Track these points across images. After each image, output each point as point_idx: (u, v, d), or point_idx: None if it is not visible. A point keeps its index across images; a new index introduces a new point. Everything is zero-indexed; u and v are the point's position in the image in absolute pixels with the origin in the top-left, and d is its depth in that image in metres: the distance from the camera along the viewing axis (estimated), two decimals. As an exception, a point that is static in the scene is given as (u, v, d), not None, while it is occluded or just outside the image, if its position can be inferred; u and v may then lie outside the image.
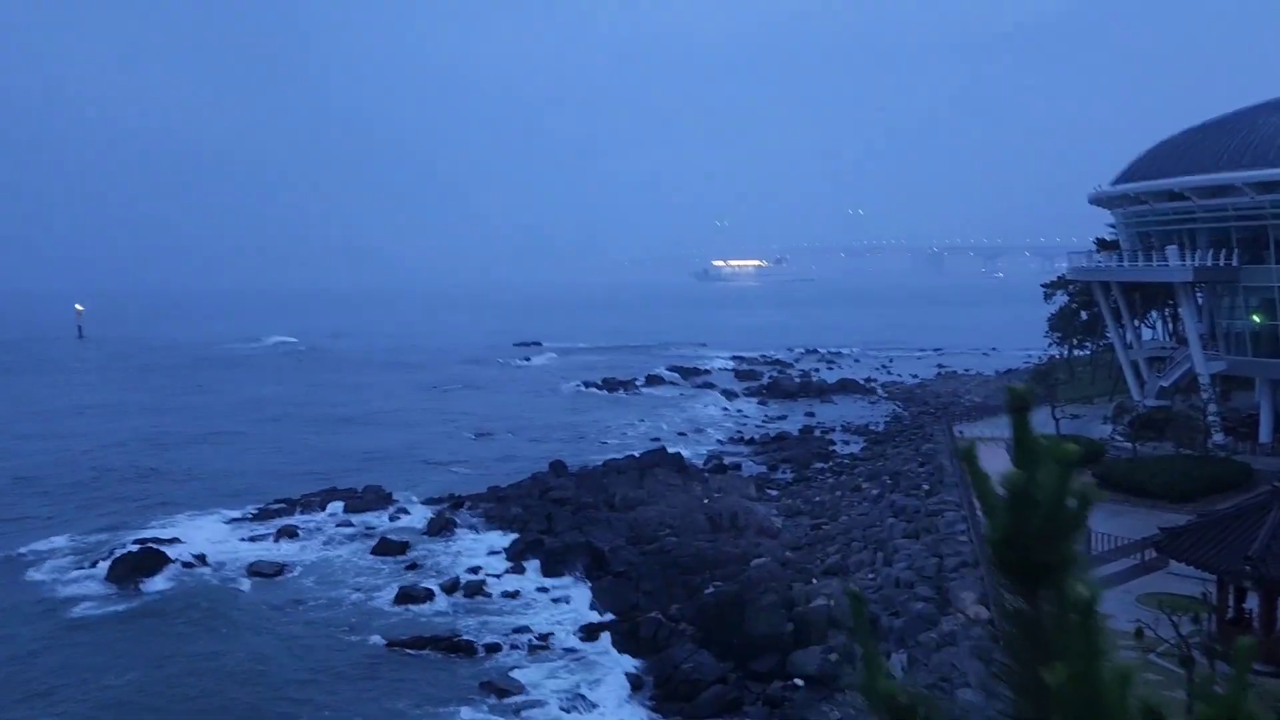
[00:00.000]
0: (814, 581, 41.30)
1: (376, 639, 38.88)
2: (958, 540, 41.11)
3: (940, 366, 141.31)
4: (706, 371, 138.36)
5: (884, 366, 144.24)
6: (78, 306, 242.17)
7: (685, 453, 72.39)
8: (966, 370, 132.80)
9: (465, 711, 32.90)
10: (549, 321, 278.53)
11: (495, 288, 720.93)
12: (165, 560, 46.27)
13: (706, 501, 57.09)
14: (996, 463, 1.67)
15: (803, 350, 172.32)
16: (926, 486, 53.41)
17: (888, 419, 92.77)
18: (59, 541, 52.02)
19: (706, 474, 66.63)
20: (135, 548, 46.95)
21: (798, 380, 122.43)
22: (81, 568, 47.18)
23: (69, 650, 37.93)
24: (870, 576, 39.89)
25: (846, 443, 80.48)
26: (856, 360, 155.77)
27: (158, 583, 44.94)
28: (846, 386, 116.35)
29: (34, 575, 46.78)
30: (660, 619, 38.79)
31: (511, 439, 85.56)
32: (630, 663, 36.49)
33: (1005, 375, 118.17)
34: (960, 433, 62.76)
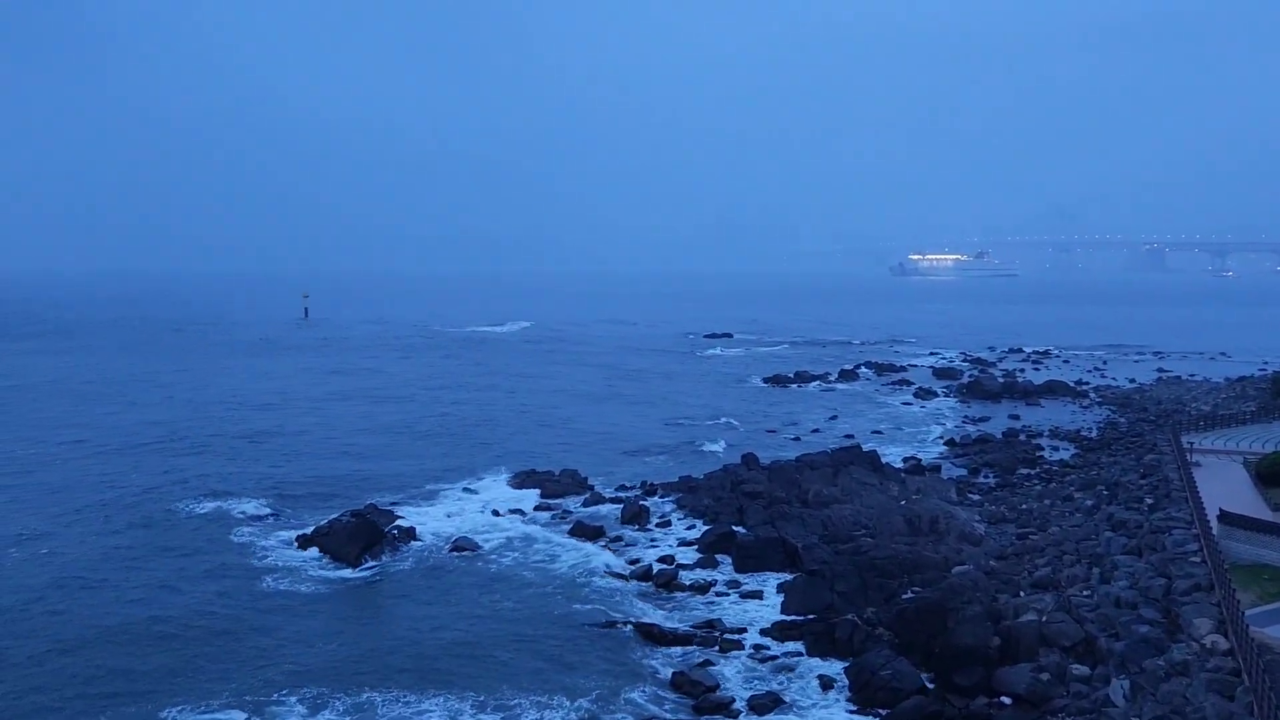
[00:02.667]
0: (1022, 594, 39.11)
1: (571, 619, 39.80)
2: (1189, 561, 37.87)
3: (1161, 371, 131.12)
4: (903, 368, 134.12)
5: (1096, 369, 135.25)
6: (304, 293, 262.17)
7: (881, 451, 70.30)
8: (1191, 376, 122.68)
9: (655, 698, 33.16)
10: (740, 313, 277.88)
11: (685, 278, 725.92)
12: (379, 533, 49.00)
13: (904, 503, 55.23)
14: (1233, 479, 1.47)
15: (1006, 349, 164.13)
16: (1150, 500, 49.49)
17: (1101, 425, 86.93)
18: (283, 508, 56.19)
19: (904, 474, 64.46)
20: (352, 519, 49.94)
21: (1000, 380, 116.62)
22: (296, 537, 50.58)
23: (287, 614, 40.68)
24: (1085, 593, 37.34)
25: (1055, 449, 75.91)
26: (1065, 361, 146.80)
27: (372, 553, 47.63)
28: (1054, 389, 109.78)
29: (255, 540, 50.55)
30: (856, 621, 37.74)
31: (702, 430, 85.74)
32: (823, 664, 35.73)
33: (1238, 383, 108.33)
34: (1190, 444, 57.78)
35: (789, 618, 39.85)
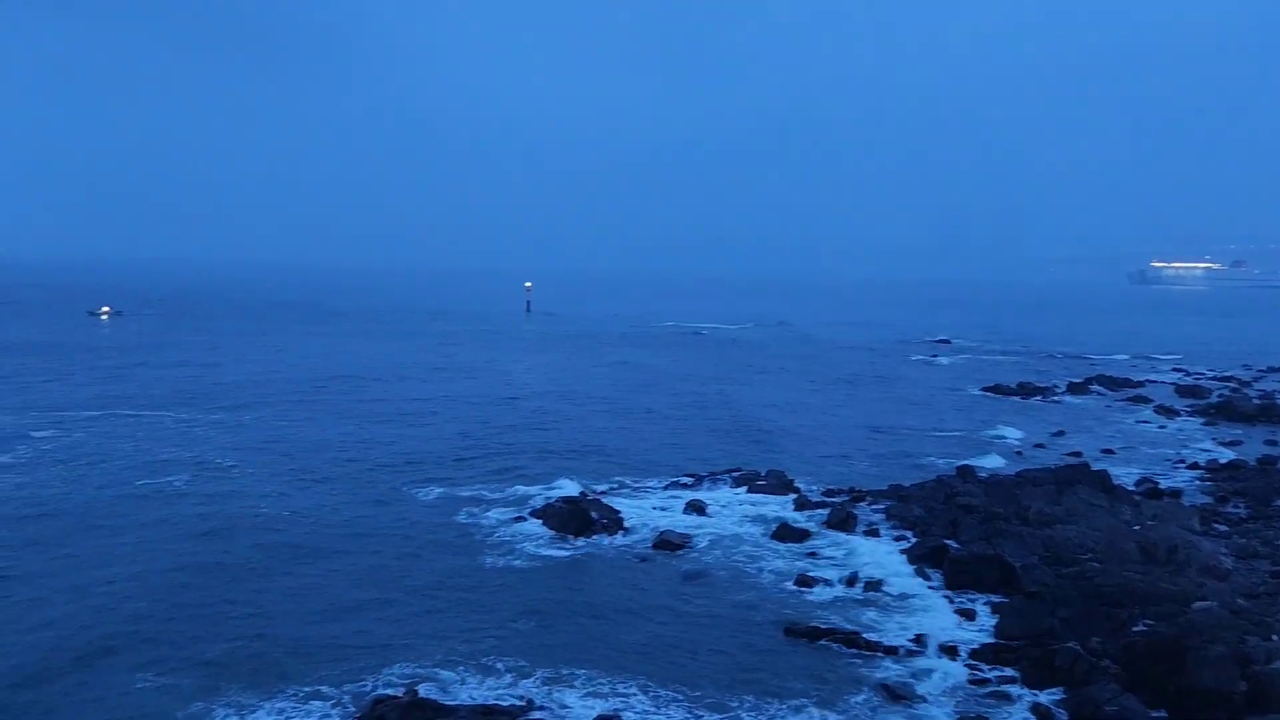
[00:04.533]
0: (1275, 638, 35.32)
1: (774, 622, 39.48)
2: None
3: None
4: (1140, 384, 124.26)
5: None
6: (526, 284, 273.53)
7: (1112, 471, 65.40)
8: None
9: (860, 709, 32.36)
10: (960, 319, 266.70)
11: (899, 282, 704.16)
12: (589, 520, 50.49)
13: (1137, 528, 51.14)
14: None
15: (1266, 367, 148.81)
16: None
17: (1379, 457, 77.16)
18: (500, 489, 58.96)
19: (1138, 497, 59.72)
20: (564, 505, 51.72)
21: (1257, 402, 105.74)
22: (513, 518, 52.92)
23: (498, 590, 42.56)
24: (1354, 644, 33.26)
25: (1322, 481, 68.03)
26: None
27: (580, 539, 49.19)
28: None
29: (476, 519, 53.21)
30: (1079, 650, 35.31)
31: (914, 437, 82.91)
32: (1039, 692, 33.68)
33: None
34: None
35: (1003, 640, 37.87)
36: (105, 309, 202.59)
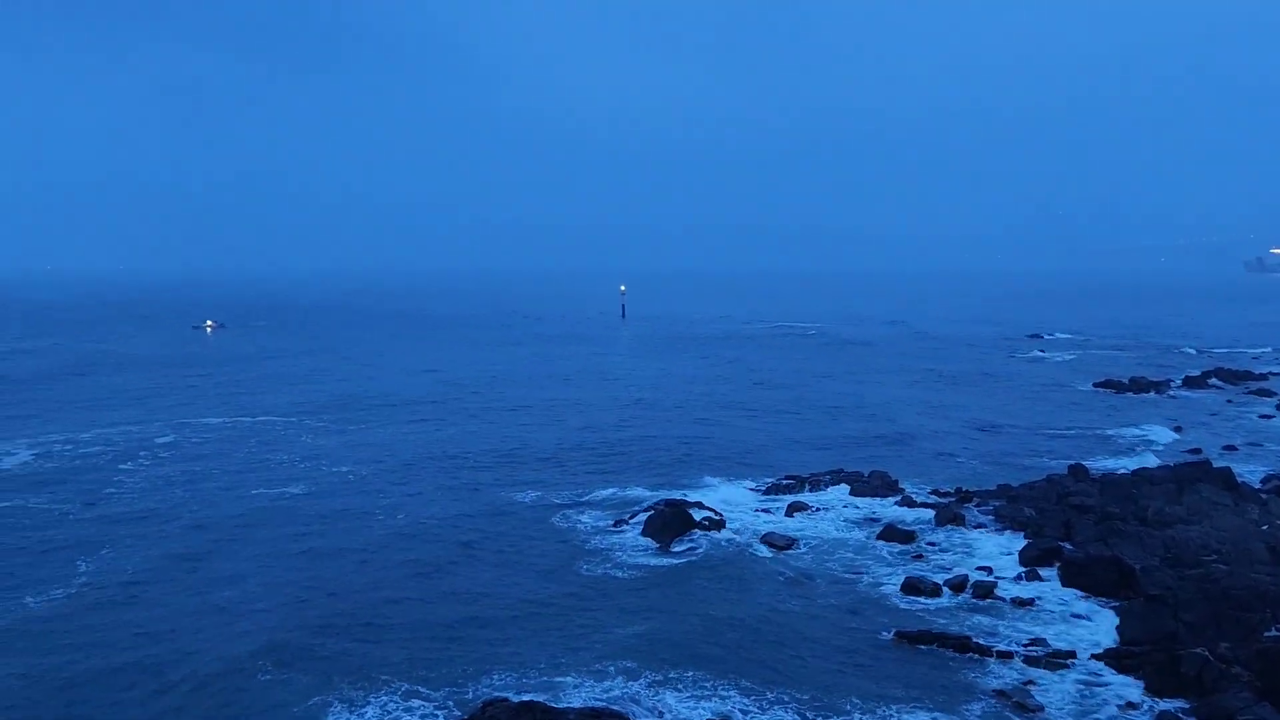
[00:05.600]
0: None
1: (881, 625, 38.83)
2: None
3: None
4: (1263, 376, 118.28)
5: None
6: (621, 288, 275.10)
7: (1235, 469, 62.40)
8: None
9: (972, 716, 31.56)
10: (1062, 312, 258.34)
11: (998, 274, 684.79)
12: (690, 522, 50.48)
13: (1266, 528, 48.73)
14: None
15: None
16: None
17: None
18: (601, 493, 59.38)
19: (1265, 495, 56.80)
20: (665, 508, 51.79)
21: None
22: (615, 521, 53.20)
23: (600, 594, 42.83)
24: None
25: None
26: None
27: (683, 542, 49.16)
28: None
29: (574, 523, 53.65)
30: (1206, 657, 33.74)
31: (1021, 435, 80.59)
32: (1163, 701, 32.32)
33: None
34: None
35: (1124, 644, 36.47)
36: (210, 322, 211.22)
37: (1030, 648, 36.42)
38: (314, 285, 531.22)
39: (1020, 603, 41.20)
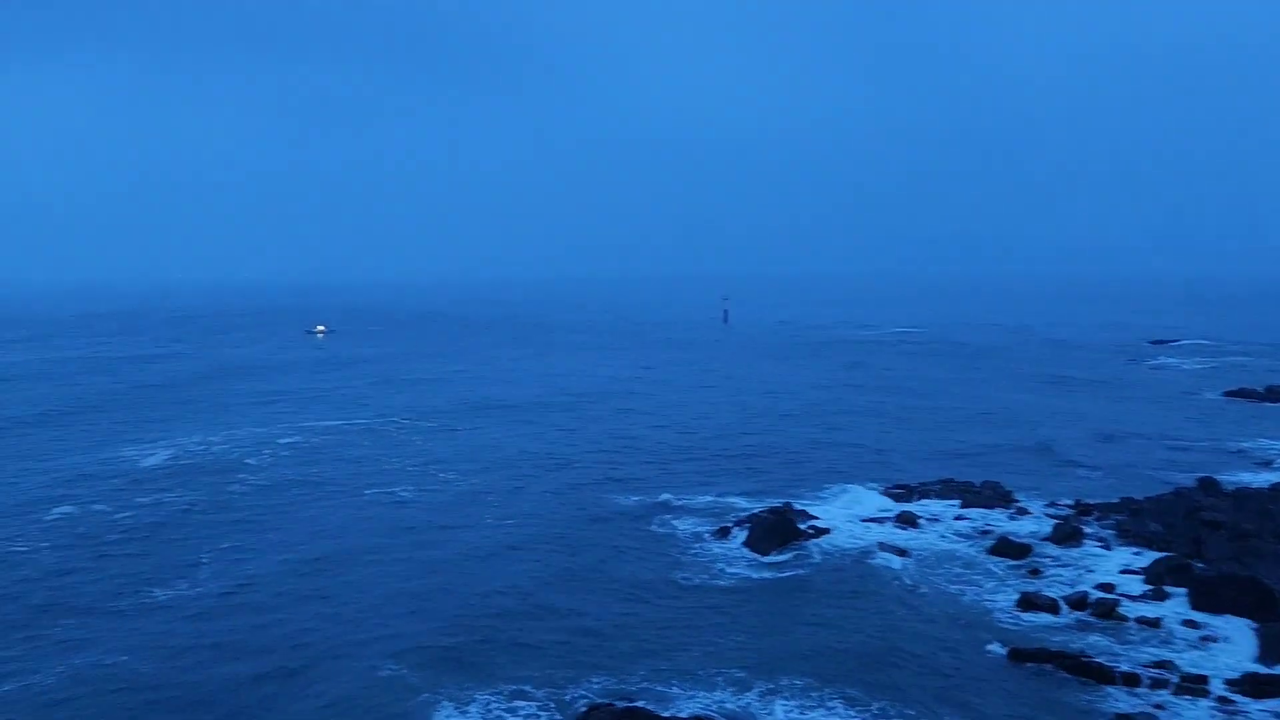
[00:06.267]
0: None
1: (994, 643, 37.34)
2: None
3: None
4: None
5: None
6: (724, 297, 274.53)
7: (1388, 485, 58.12)
8: None
9: (1095, 742, 30.04)
10: (1192, 317, 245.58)
11: (1126, 279, 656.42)
12: (795, 530, 49.67)
13: None
14: None
15: None
16: None
17: None
18: (705, 499, 59.00)
19: None
20: (769, 516, 51.08)
21: None
22: (719, 528, 52.72)
23: (701, 601, 42.48)
24: None
25: None
26: None
27: (786, 551, 48.39)
28: None
29: (676, 529, 53.38)
30: (1355, 687, 31.43)
31: (1145, 445, 76.78)
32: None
33: None
34: None
35: (1263, 669, 34.19)
36: (320, 327, 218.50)
37: (1157, 671, 34.47)
38: (428, 291, 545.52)
39: (1145, 622, 39.10)
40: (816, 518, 53.11)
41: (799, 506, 54.94)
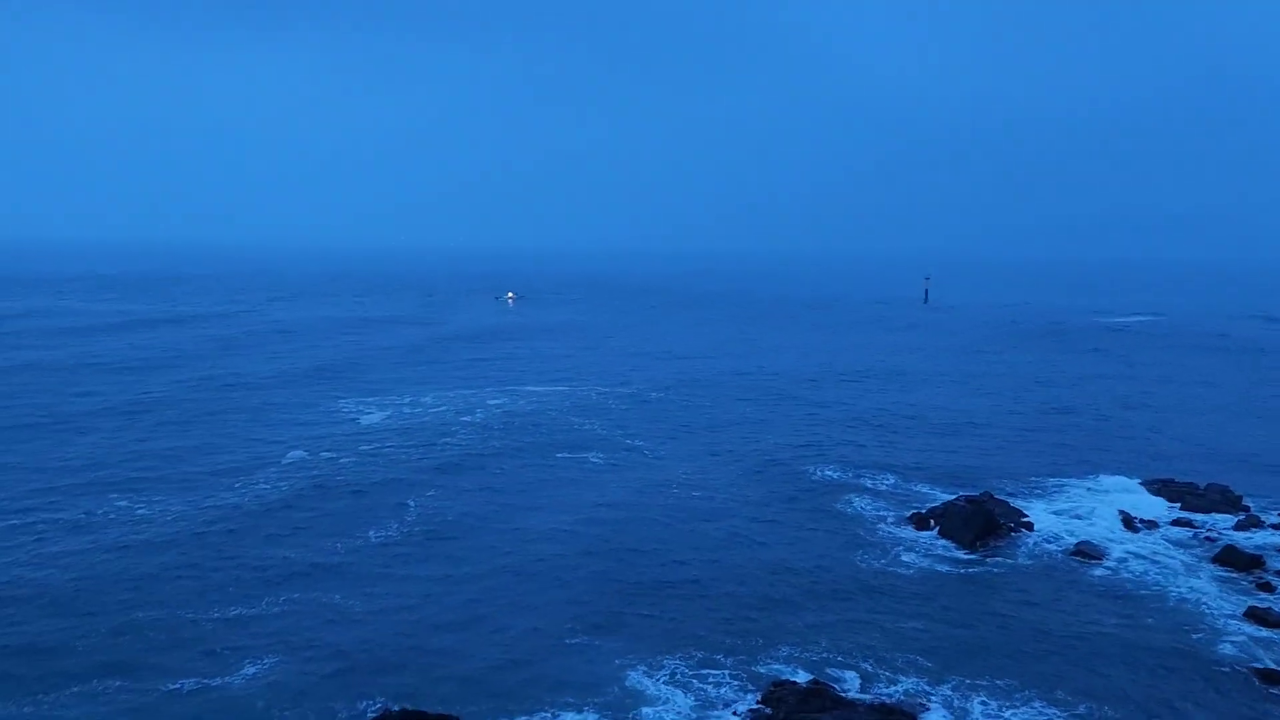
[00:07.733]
0: None
1: (1213, 659, 34.82)
2: None
3: None
4: None
5: None
6: (925, 277, 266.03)
7: None
8: None
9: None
10: None
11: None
12: (995, 522, 47.90)
13: None
14: None
15: None
16: None
17: None
18: (900, 487, 57.70)
19: None
20: (968, 505, 49.35)
21: None
22: (910, 515, 51.58)
23: (893, 587, 41.72)
24: None
25: None
26: None
27: (986, 542, 46.75)
28: None
29: (870, 512, 52.58)
30: None
31: None
32: None
33: None
34: None
35: None
36: (510, 294, 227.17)
37: (1405, 703, 31.26)
38: (626, 262, 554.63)
39: (1394, 652, 35.41)
40: (1019, 510, 50.99)
41: (1000, 496, 52.81)
